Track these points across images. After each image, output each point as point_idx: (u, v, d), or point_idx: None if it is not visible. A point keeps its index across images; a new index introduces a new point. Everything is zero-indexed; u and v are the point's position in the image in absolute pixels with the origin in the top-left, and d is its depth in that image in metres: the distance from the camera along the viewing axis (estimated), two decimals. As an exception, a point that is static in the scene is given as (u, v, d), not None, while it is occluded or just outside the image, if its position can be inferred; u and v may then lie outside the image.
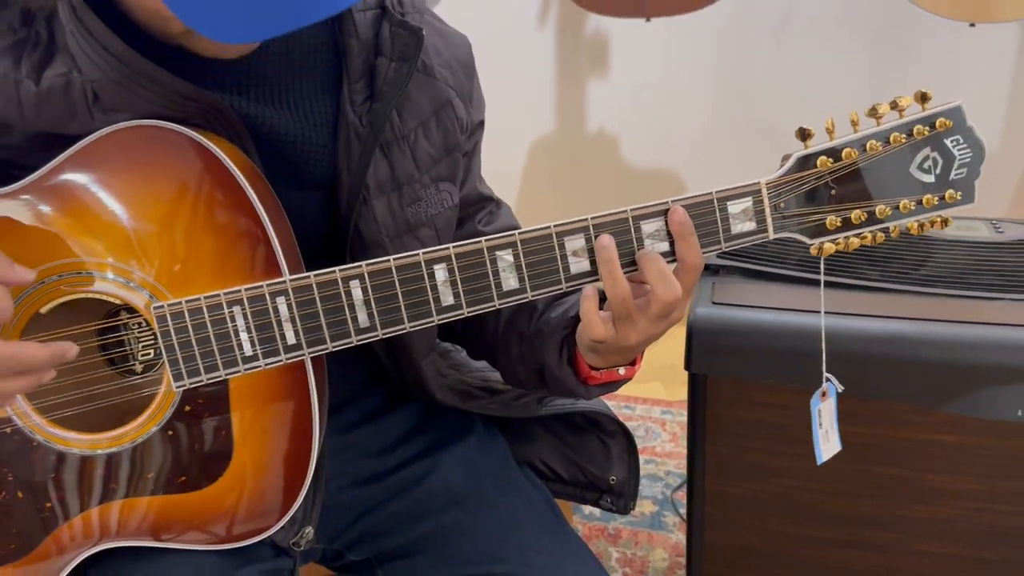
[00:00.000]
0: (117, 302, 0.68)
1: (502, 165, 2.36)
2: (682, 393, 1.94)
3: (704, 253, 0.69)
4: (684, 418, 1.83)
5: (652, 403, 1.95)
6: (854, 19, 2.16)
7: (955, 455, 0.95)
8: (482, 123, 0.88)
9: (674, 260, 0.69)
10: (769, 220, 0.71)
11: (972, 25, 1.79)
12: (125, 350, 0.75)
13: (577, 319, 0.75)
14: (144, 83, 0.64)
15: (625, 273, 0.67)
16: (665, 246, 0.68)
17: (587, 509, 1.62)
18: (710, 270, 1.07)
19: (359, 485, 0.88)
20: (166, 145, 0.65)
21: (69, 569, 0.72)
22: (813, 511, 1.02)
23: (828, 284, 1.01)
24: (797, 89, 2.22)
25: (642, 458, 1.74)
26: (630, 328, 0.69)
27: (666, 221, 0.67)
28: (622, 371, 0.77)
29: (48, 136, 0.67)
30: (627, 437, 0.97)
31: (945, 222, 0.73)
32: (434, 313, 0.69)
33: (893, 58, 2.19)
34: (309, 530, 0.81)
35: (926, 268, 1.07)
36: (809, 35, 2.21)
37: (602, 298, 0.70)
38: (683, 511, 1.54)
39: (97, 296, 0.67)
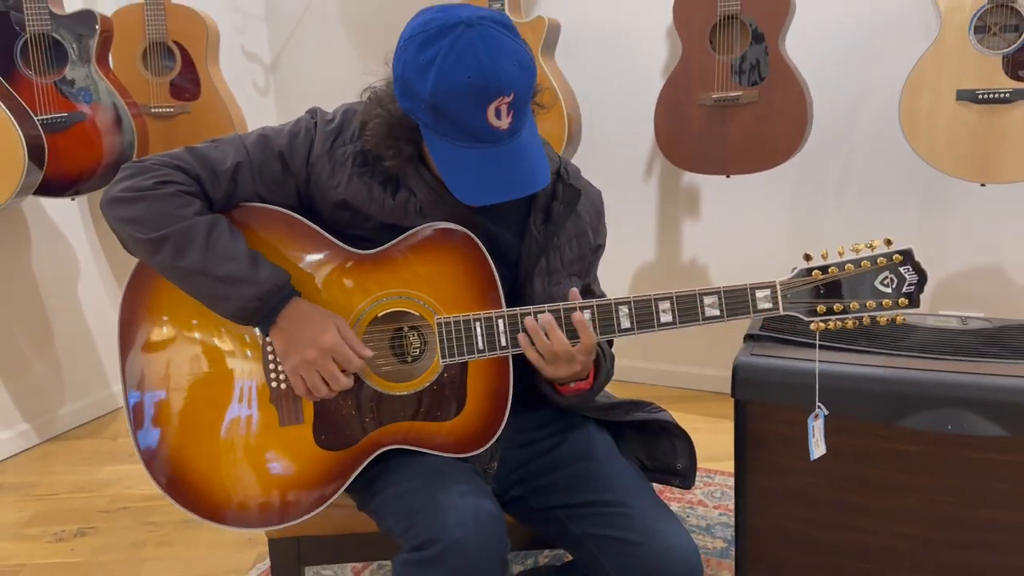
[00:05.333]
0: (416, 313, 1.29)
1: (614, 285, 2.97)
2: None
3: (739, 319, 1.25)
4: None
5: (728, 475, 2.41)
6: (902, 177, 2.67)
7: (911, 459, 1.43)
8: (601, 246, 1.47)
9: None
10: (780, 303, 1.25)
11: (983, 185, 2.31)
12: (403, 347, 1.35)
13: None
14: (445, 205, 1.28)
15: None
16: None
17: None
18: (752, 338, 1.61)
19: (519, 447, 1.41)
20: (451, 235, 1.28)
21: (373, 457, 1.29)
22: (818, 499, 1.50)
23: (828, 347, 1.53)
24: (854, 233, 2.74)
25: (716, 512, 2.25)
26: (565, 367, 1.25)
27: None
28: (584, 384, 1.34)
29: (389, 225, 1.30)
30: (688, 439, 1.48)
31: (903, 319, 1.22)
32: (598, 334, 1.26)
33: (935, 209, 2.68)
34: (495, 464, 1.36)
35: (904, 342, 1.57)
36: (867, 190, 2.75)
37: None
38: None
39: (405, 309, 1.29)
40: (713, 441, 2.34)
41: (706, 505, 2.28)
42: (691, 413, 2.80)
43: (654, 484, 1.46)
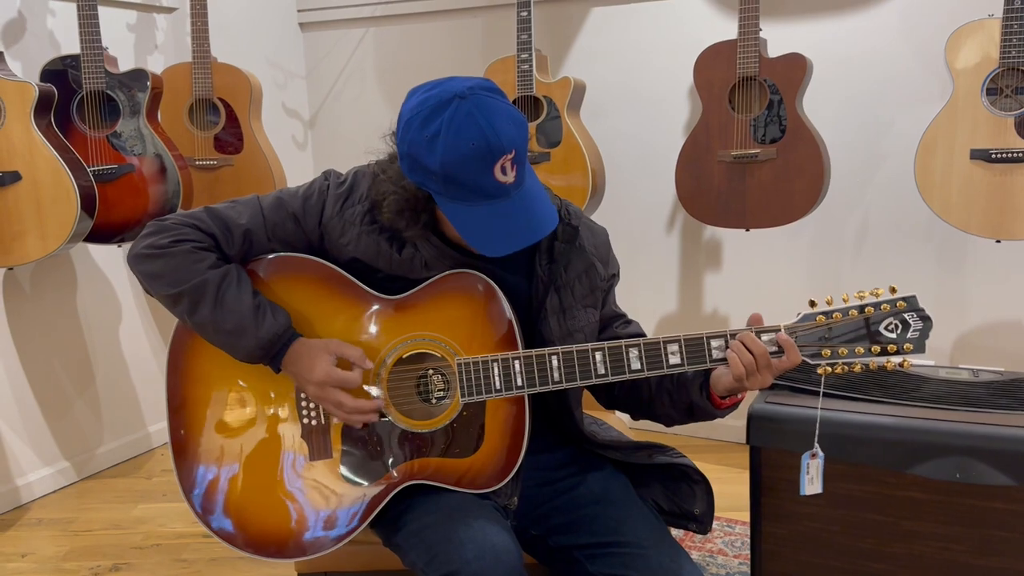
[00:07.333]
0: (438, 355, 1.37)
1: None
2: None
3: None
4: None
5: (748, 525, 2.43)
6: (919, 233, 2.73)
7: (921, 506, 1.46)
8: (615, 275, 1.53)
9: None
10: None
11: (998, 241, 2.34)
12: (429, 388, 1.42)
13: (703, 375, 1.36)
14: (448, 258, 1.36)
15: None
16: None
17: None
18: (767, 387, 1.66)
19: (539, 486, 1.47)
20: (472, 281, 1.36)
21: (398, 491, 1.36)
22: (830, 545, 1.53)
23: (841, 397, 1.58)
24: (873, 286, 2.78)
25: (736, 561, 2.27)
26: (756, 380, 1.29)
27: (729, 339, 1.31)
28: (739, 395, 1.36)
29: (398, 277, 1.39)
30: (707, 485, 1.53)
31: (910, 365, 1.24)
32: (609, 376, 1.32)
33: (953, 264, 2.72)
34: (515, 499, 1.41)
35: (916, 393, 1.61)
36: (885, 245, 2.80)
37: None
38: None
39: (428, 351, 1.36)
40: (734, 492, 2.36)
41: (726, 554, 2.30)
42: (714, 463, 2.82)
43: (672, 529, 1.50)
